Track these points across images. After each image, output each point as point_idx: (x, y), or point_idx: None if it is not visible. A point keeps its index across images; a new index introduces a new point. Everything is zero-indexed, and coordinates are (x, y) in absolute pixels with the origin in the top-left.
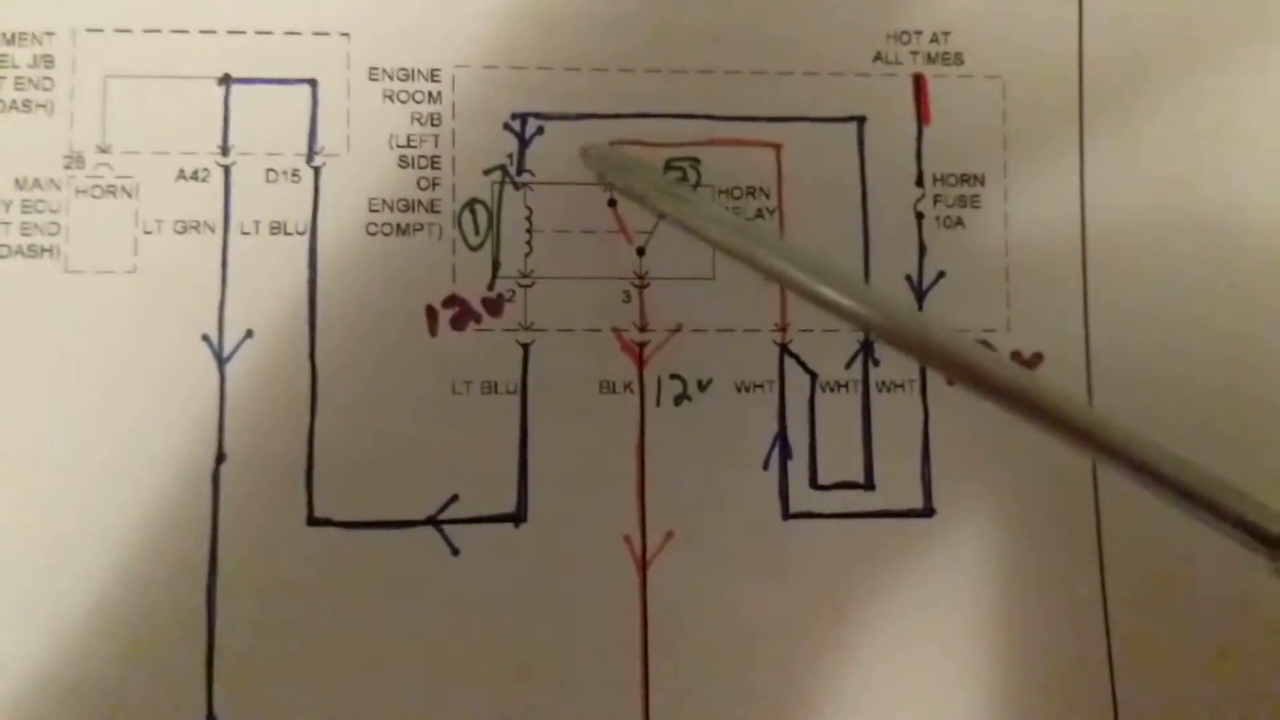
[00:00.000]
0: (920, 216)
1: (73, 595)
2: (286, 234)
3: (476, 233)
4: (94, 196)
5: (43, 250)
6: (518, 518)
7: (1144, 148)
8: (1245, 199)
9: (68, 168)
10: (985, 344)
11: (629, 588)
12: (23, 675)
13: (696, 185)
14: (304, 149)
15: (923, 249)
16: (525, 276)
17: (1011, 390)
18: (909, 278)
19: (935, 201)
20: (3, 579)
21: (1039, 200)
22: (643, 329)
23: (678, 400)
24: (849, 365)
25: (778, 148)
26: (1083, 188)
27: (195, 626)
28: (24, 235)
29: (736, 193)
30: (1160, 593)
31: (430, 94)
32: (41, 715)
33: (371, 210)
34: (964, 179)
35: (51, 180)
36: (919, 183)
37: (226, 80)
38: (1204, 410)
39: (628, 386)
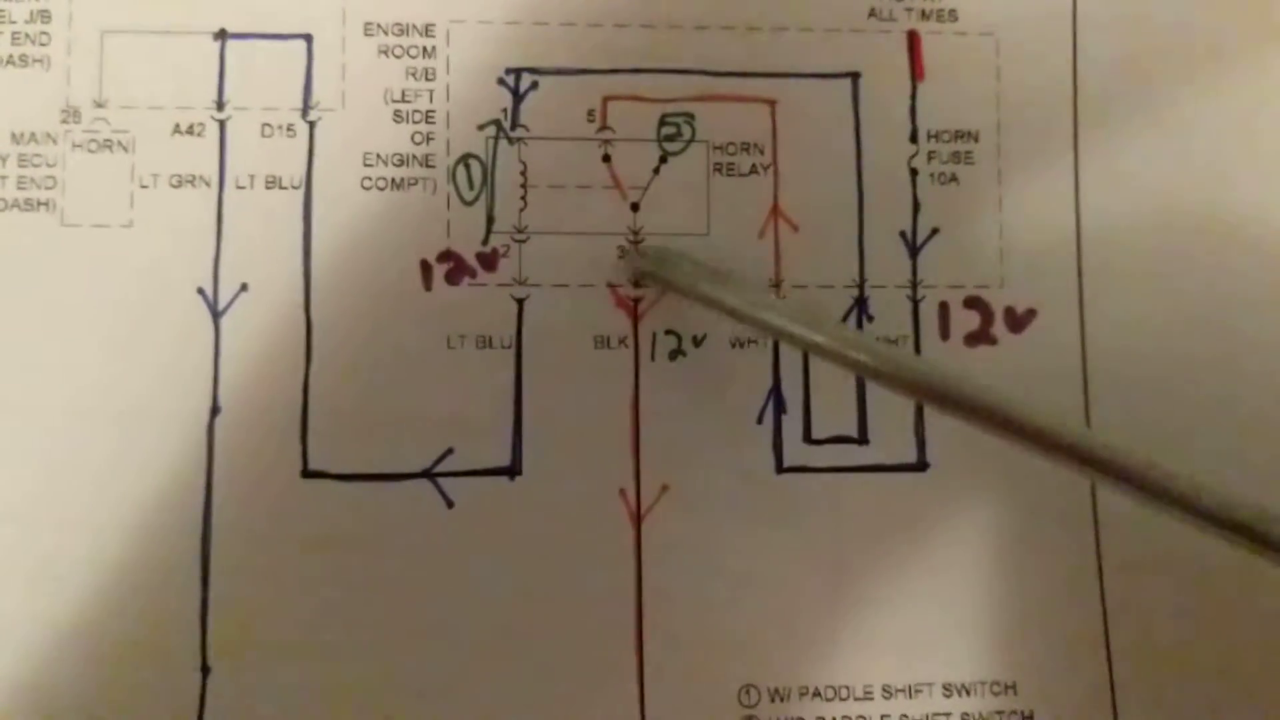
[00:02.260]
0: (914, 173)
1: (67, 546)
2: (282, 188)
3: (471, 187)
4: (90, 151)
5: (39, 204)
6: (512, 471)
7: (1139, 96)
8: (1247, 143)
9: (64, 122)
10: (979, 300)
11: (623, 541)
12: (17, 625)
13: (691, 140)
14: (299, 104)
15: (917, 205)
16: (520, 231)
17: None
18: (903, 234)
19: (929, 158)
20: None
21: (1033, 156)
22: (637, 284)
23: (672, 355)
24: (843, 320)
25: (772, 104)
26: (1076, 143)
27: (190, 577)
28: (20, 189)
29: (731, 148)
30: (1154, 551)
31: (425, 49)
32: (35, 664)
33: (366, 165)
34: (958, 135)
35: (48, 134)
36: (913, 139)
37: (222, 35)
38: (1199, 363)
39: (622, 342)
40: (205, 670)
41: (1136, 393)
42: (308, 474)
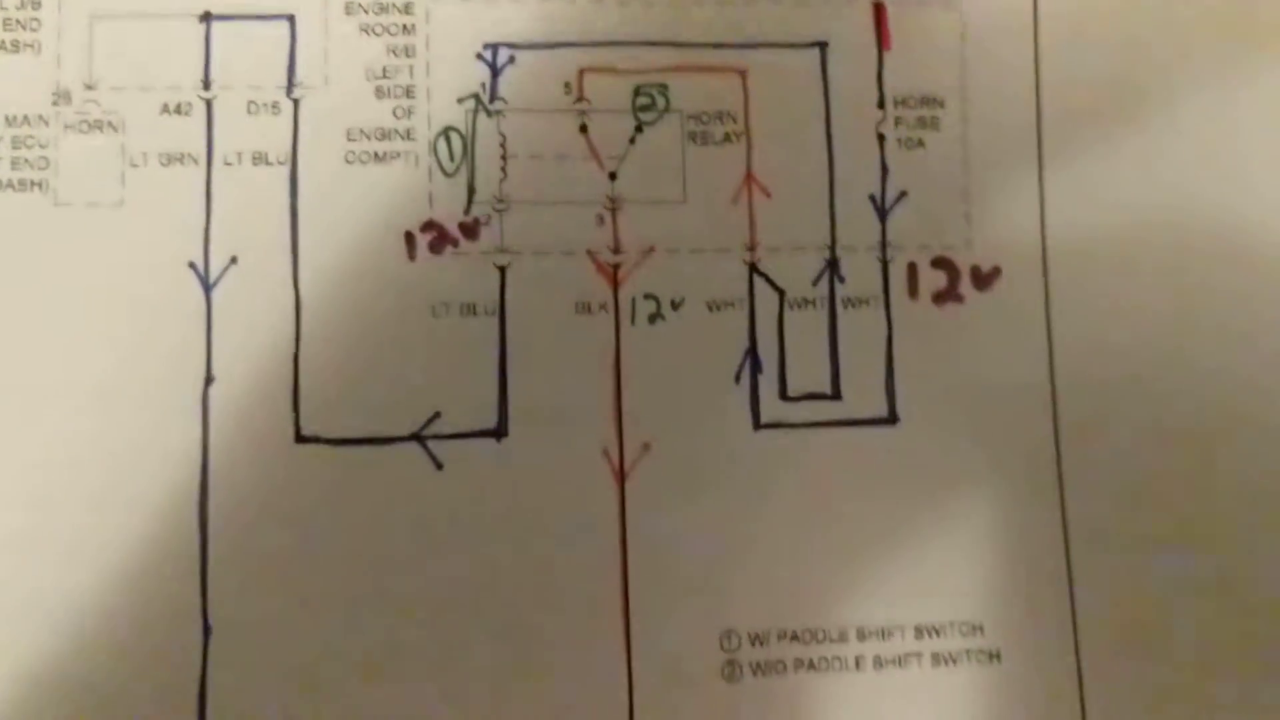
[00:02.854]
0: (882, 138)
1: (66, 515)
2: (268, 164)
3: (452, 159)
4: (81, 132)
5: (32, 184)
6: (499, 433)
7: (1098, 62)
8: (1214, 95)
9: (55, 104)
10: (947, 260)
11: (608, 499)
12: (16, 594)
13: (665, 110)
14: (283, 82)
15: (885, 170)
16: (500, 201)
17: None
18: (872, 197)
19: (896, 124)
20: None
21: (997, 121)
22: (616, 251)
23: (651, 319)
24: (815, 283)
25: (744, 73)
26: (1039, 106)
27: (188, 541)
28: (14, 170)
29: (704, 117)
30: (1118, 495)
31: (405, 26)
32: (36, 632)
33: (349, 140)
34: (924, 102)
35: (40, 117)
36: (880, 106)
37: (207, 17)
38: (1161, 317)
39: (603, 307)
40: (207, 631)
41: (1099, 347)
42: (300, 439)
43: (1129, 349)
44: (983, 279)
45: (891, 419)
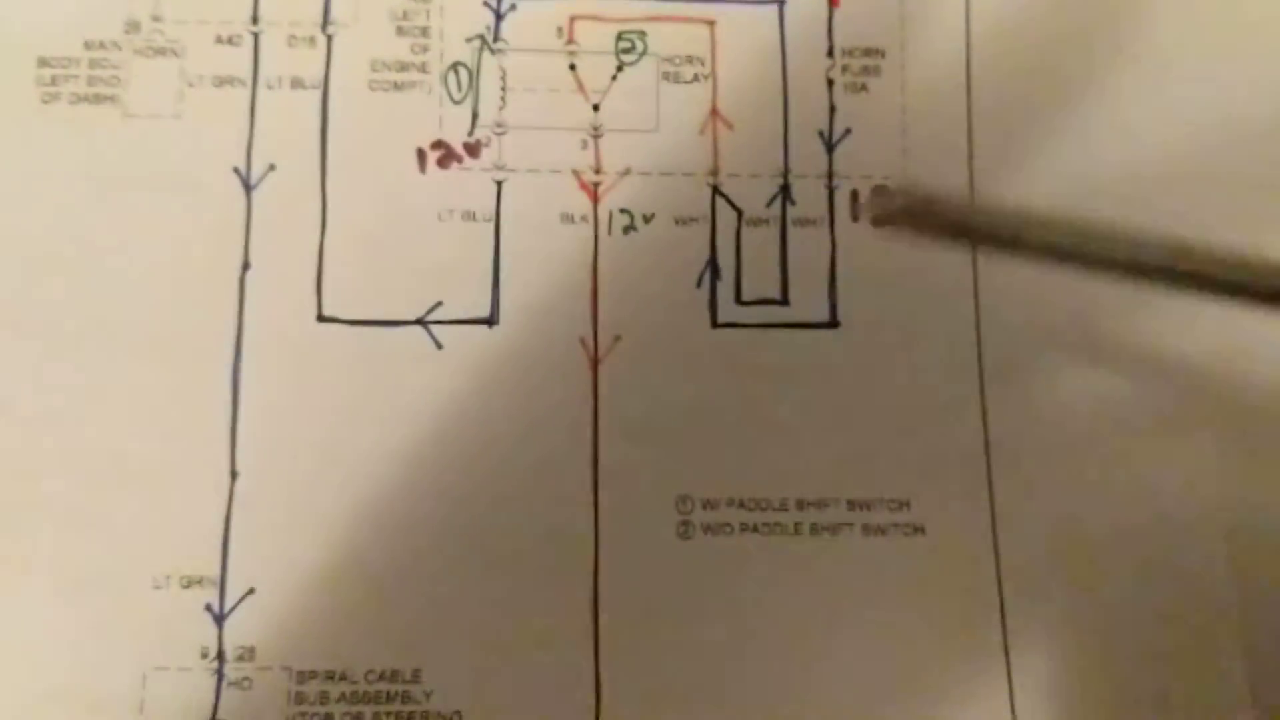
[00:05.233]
0: (831, 83)
1: (120, 362)
2: (304, 88)
3: (459, 89)
4: (147, 56)
5: (105, 98)
6: (491, 321)
7: (1025, 21)
8: (1128, 26)
9: (127, 33)
10: (884, 188)
11: (583, 381)
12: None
13: (643, 54)
14: (319, 20)
15: (833, 109)
16: (499, 126)
17: None
18: (820, 133)
19: (844, 70)
20: (62, 342)
21: (931, 68)
22: (597, 171)
23: (625, 230)
24: (770, 204)
25: (712, 24)
26: (969, 54)
27: (222, 400)
28: (90, 86)
29: (677, 60)
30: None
31: None
32: (90, 467)
33: (373, 70)
34: (867, 52)
35: (114, 42)
36: (830, 55)
37: None
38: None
39: (584, 218)
40: (234, 474)
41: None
42: (322, 319)
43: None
44: None
45: (833, 323)
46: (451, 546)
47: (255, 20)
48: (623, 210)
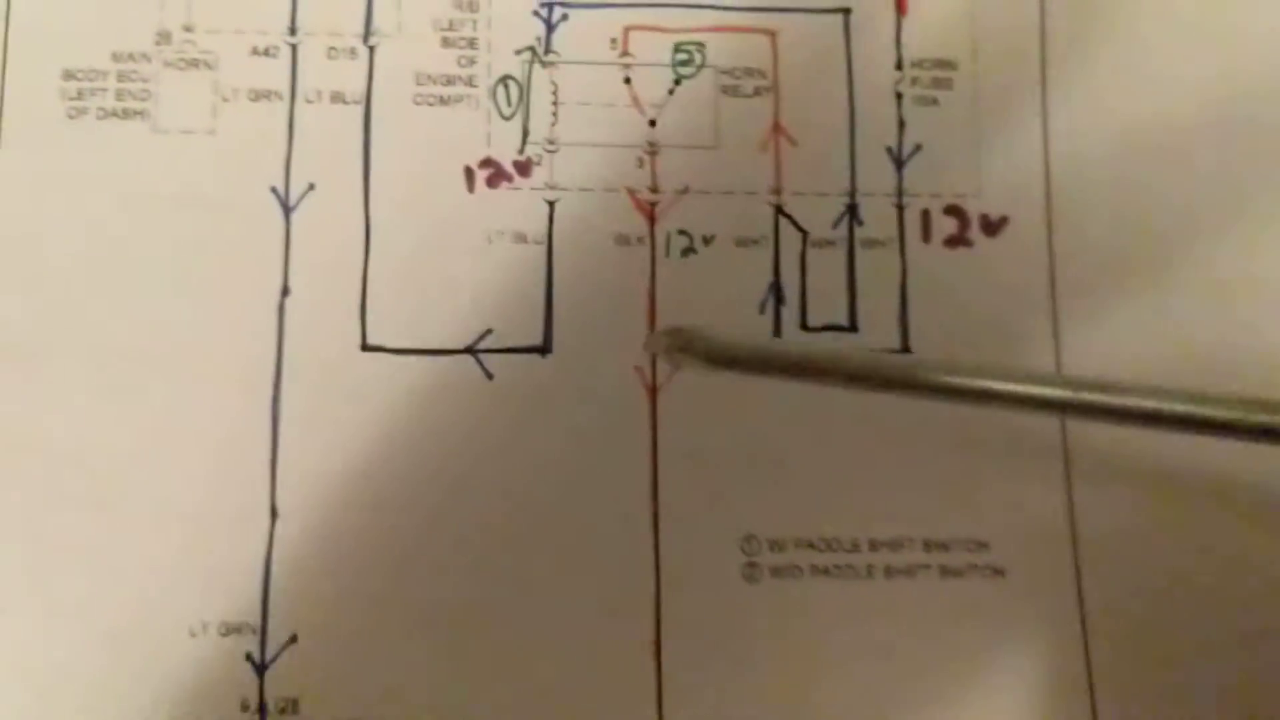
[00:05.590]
0: (899, 96)
1: (152, 394)
2: (345, 103)
3: (509, 104)
4: (179, 69)
5: (134, 113)
6: (544, 349)
7: (1101, 23)
8: (1209, 60)
9: (157, 44)
10: (957, 208)
11: (641, 412)
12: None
13: (702, 66)
14: (361, 30)
15: (902, 124)
16: (551, 143)
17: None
18: (889, 149)
19: (913, 83)
20: (91, 372)
21: (1005, 79)
22: (654, 190)
23: (684, 252)
24: (836, 225)
25: (773, 35)
26: (1044, 65)
27: (261, 435)
28: (118, 100)
29: (737, 73)
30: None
31: None
32: (122, 507)
33: (418, 84)
34: (938, 64)
35: (144, 54)
36: (898, 66)
37: None
38: (1158, 264)
39: (640, 240)
40: (274, 514)
41: (1100, 292)
42: (366, 348)
43: (1129, 291)
44: (991, 226)
45: (905, 351)
46: (505, 588)
47: (293, 30)
48: (681, 231)
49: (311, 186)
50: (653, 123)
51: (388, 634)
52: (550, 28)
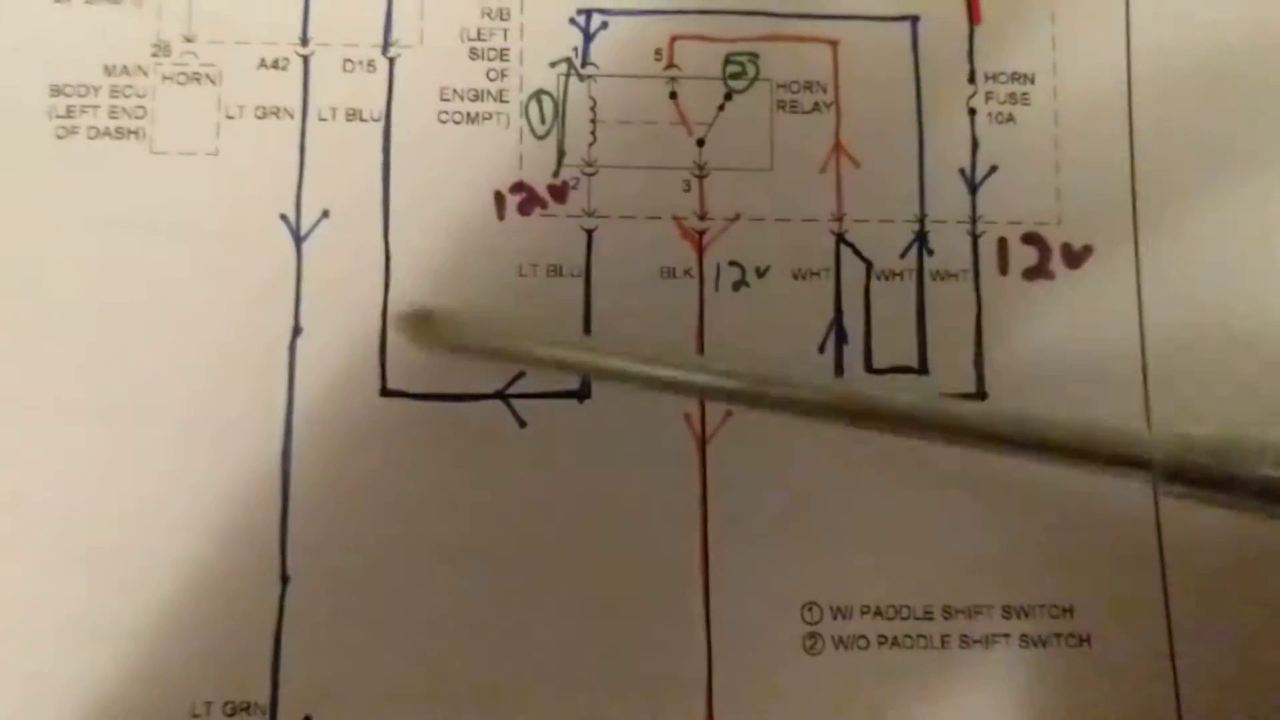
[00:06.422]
0: (973, 113)
1: (151, 447)
2: (362, 121)
3: (543, 122)
4: (179, 83)
5: (129, 132)
6: (581, 394)
7: (1190, 37)
8: None
9: (155, 56)
10: (1037, 236)
11: (689, 463)
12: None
13: (755, 79)
14: (379, 40)
15: (975, 144)
16: (589, 165)
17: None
18: (962, 171)
19: (987, 98)
20: (86, 425)
21: (1088, 97)
22: (702, 217)
23: (735, 286)
24: (904, 255)
25: (834, 44)
26: (1130, 83)
27: (270, 490)
28: (112, 118)
29: (794, 86)
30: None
31: None
32: (117, 573)
33: (443, 100)
34: (1015, 77)
35: (139, 67)
36: (971, 80)
37: None
38: (1253, 304)
39: (687, 272)
40: (285, 579)
41: (1190, 331)
42: (386, 393)
43: (1222, 331)
44: (1074, 257)
45: (980, 395)
46: (541, 660)
47: (305, 41)
48: (732, 263)
49: (325, 214)
50: (701, 142)
51: (412, 714)
52: (588, 37)
